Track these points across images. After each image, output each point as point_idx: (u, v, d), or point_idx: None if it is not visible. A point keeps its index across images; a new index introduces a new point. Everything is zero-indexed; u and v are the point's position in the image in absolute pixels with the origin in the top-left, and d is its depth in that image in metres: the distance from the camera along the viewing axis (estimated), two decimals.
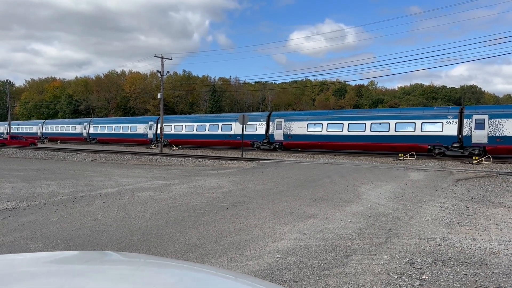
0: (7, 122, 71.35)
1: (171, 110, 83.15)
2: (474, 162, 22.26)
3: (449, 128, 27.00)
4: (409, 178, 14.16)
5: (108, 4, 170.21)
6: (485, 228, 6.73)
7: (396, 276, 4.33)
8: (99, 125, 54.26)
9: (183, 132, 42.83)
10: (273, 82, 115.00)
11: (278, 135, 35.10)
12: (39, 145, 46.27)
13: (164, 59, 36.40)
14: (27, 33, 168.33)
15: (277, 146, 35.37)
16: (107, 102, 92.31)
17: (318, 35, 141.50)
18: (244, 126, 32.27)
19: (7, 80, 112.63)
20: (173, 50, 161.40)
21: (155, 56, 36.81)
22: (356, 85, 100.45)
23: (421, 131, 27.85)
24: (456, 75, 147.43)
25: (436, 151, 27.48)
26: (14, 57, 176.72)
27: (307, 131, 33.16)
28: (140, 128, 47.67)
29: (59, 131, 60.69)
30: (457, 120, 26.86)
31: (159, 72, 36.87)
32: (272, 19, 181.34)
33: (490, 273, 4.50)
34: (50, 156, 25.80)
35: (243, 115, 27.80)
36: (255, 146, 36.83)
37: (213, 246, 5.42)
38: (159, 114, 39.08)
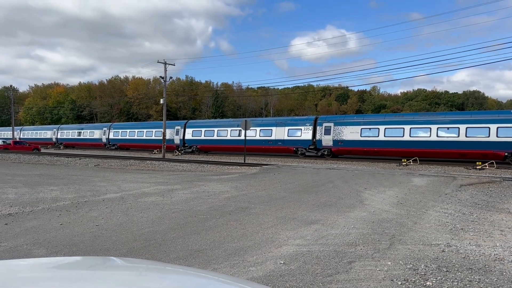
0: (20, 127, 71.36)
1: (173, 115, 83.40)
2: (477, 167, 22.17)
3: None
4: (412, 183, 14.11)
5: (113, 11, 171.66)
6: (490, 234, 6.68)
7: (400, 283, 4.30)
8: (120, 130, 50.99)
9: (215, 137, 40.07)
10: (276, 87, 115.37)
11: (327, 140, 32.60)
12: (52, 151, 46.35)
13: (167, 65, 36.56)
14: (31, 40, 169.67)
15: (325, 153, 32.74)
16: (110, 108, 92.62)
17: (320, 41, 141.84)
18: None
19: (11, 85, 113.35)
20: (176, 56, 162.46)
21: (158, 62, 36.99)
22: (358, 90, 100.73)
23: (497, 136, 25.40)
24: (457, 81, 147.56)
25: None
26: (19, 64, 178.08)
27: (361, 136, 30.75)
28: (166, 134, 44.58)
29: (75, 137, 57.30)
30: None
31: (162, 78, 36.99)
32: (274, 25, 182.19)
33: (495, 279, 4.46)
34: (53, 162, 25.87)
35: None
36: (299, 152, 34.30)
37: (215, 252, 5.41)
38: (162, 120, 38.90)
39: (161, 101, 37.60)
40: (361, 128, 31.03)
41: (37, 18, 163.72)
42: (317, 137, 33.27)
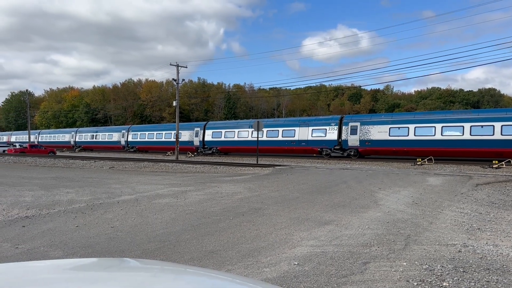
0: (38, 131, 72.47)
1: (186, 117, 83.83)
2: (494, 166, 21.80)
3: None
4: (427, 183, 13.94)
5: (126, 15, 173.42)
6: (507, 234, 6.56)
7: (415, 283, 4.25)
8: (139, 133, 50.74)
9: (235, 138, 39.23)
10: (288, 88, 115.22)
11: (353, 140, 31.72)
12: (68, 153, 47.02)
13: (179, 67, 36.81)
14: (46, 45, 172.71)
15: (351, 153, 31.80)
16: (124, 111, 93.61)
17: (331, 40, 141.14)
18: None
19: (26, 90, 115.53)
20: (189, 59, 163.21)
21: (170, 65, 37.27)
22: (371, 89, 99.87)
23: None
24: (472, 78, 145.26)
25: None
26: (34, 68, 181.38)
27: (390, 136, 29.82)
28: (185, 135, 43.96)
29: (94, 140, 57.46)
30: None
31: (175, 80, 37.26)
32: (285, 26, 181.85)
33: None
34: (68, 164, 26.23)
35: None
36: (324, 153, 33.36)
37: (229, 253, 5.42)
38: (175, 122, 39.10)
39: (174, 103, 37.84)
40: (390, 127, 30.04)
41: (52, 23, 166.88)
42: (343, 137, 32.38)
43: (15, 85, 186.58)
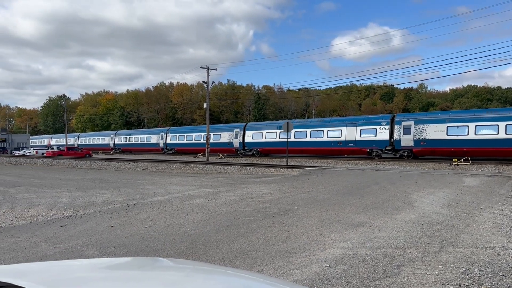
0: (78, 134, 75.14)
1: (216, 119, 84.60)
2: None
3: None
4: (464, 184, 13.48)
5: (158, 19, 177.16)
6: None
7: (452, 287, 4.12)
8: (177, 135, 50.85)
9: (277, 139, 37.86)
10: (317, 88, 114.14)
11: (407, 140, 30.02)
12: (103, 156, 48.48)
13: (209, 70, 37.23)
14: (82, 50, 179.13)
15: (405, 154, 30.26)
16: (156, 113, 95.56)
17: (362, 39, 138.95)
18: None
19: (63, 94, 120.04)
20: (219, 61, 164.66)
21: (201, 68, 37.79)
22: (404, 88, 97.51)
23: None
24: (510, 75, 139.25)
25: None
26: (71, 73, 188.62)
27: (447, 135, 28.12)
28: (224, 137, 44.01)
29: (133, 142, 58.25)
30: None
31: (205, 83, 37.70)
32: (314, 26, 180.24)
33: None
34: (104, 166, 27.01)
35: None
36: (374, 154, 31.98)
37: (260, 254, 5.42)
38: (206, 124, 39.47)
39: (204, 105, 38.28)
40: (447, 126, 28.27)
41: (88, 29, 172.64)
42: (395, 137, 30.76)
43: (53, 90, 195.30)
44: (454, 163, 24.22)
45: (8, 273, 1.70)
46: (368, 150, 32.25)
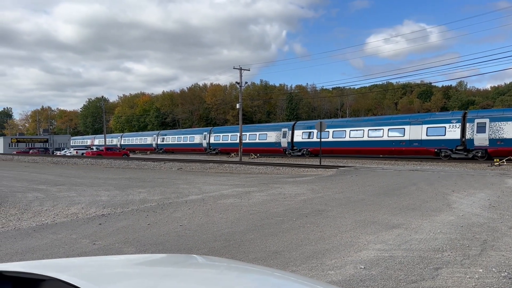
0: (120, 134, 77.52)
1: (249, 119, 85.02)
2: None
3: None
4: (506, 185, 12.90)
5: (193, 22, 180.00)
6: None
7: None
8: (221, 134, 50.13)
9: (330, 139, 36.03)
10: (351, 87, 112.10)
11: (480, 140, 27.72)
12: (139, 155, 49.76)
13: (242, 71, 37.47)
14: (120, 53, 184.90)
15: (478, 155, 27.97)
16: (190, 114, 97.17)
17: (398, 36, 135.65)
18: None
19: (102, 96, 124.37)
20: (252, 62, 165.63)
21: (234, 68, 38.11)
22: (442, 86, 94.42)
23: None
24: None
25: None
26: (109, 76, 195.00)
27: None
28: (271, 136, 42.79)
29: (175, 142, 58.24)
30: None
31: (238, 83, 37.97)
32: (348, 24, 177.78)
33: None
34: (141, 166, 27.71)
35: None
36: (442, 154, 29.80)
37: (293, 254, 5.40)
38: (238, 124, 39.71)
39: (237, 105, 38.55)
40: None
41: (125, 33, 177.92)
42: (467, 136, 28.41)
43: (92, 92, 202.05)
44: (495, 163, 23.23)
45: (50, 267, 1.78)
46: (435, 150, 30.10)
